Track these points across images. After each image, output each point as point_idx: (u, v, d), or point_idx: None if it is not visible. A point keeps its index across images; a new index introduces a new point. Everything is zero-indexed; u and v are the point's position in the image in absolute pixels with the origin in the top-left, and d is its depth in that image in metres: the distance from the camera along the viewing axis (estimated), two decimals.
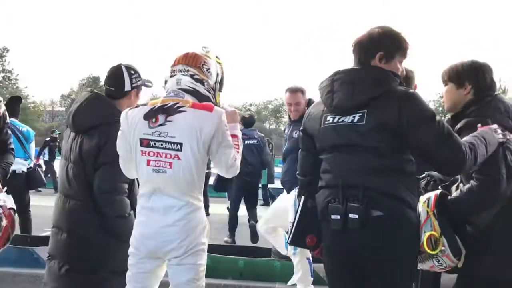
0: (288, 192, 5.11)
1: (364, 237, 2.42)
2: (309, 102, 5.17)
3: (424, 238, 2.51)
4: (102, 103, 3.22)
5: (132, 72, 3.30)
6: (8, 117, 3.12)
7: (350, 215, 2.43)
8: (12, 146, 3.19)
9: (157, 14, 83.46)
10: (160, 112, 2.69)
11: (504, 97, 2.85)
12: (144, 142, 2.67)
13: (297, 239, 2.77)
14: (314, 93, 4.89)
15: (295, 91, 5.17)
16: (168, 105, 2.70)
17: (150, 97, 3.38)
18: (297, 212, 2.77)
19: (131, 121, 2.74)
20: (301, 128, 2.84)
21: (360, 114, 2.47)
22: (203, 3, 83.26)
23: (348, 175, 2.48)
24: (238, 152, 2.77)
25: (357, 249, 2.46)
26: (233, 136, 2.80)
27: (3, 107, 3.06)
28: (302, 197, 2.75)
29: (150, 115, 2.69)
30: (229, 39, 73.39)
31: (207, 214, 9.77)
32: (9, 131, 3.15)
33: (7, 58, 57.80)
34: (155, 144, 2.65)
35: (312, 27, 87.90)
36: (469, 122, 2.60)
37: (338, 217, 2.47)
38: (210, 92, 2.83)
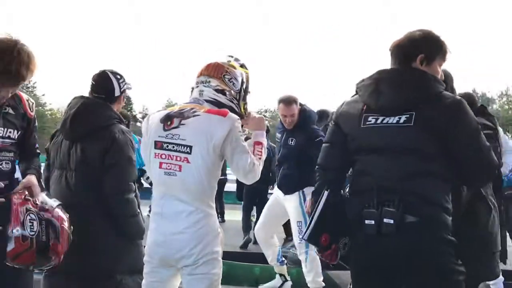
0: (285, 195, 5.22)
1: (399, 243, 2.37)
2: (301, 109, 5.29)
3: None
4: (98, 108, 3.25)
5: (118, 76, 3.36)
6: (36, 121, 3.10)
7: (385, 220, 2.38)
8: (38, 150, 3.14)
9: (158, 15, 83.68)
10: (176, 116, 2.71)
11: None
12: (158, 144, 2.69)
13: (314, 236, 2.64)
14: (315, 94, 4.97)
15: (290, 103, 5.19)
16: (185, 110, 2.72)
17: (166, 104, 3.41)
18: (317, 208, 2.64)
19: (150, 124, 2.77)
20: (332, 121, 2.75)
21: (408, 115, 2.41)
22: (203, 4, 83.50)
23: (386, 179, 2.43)
24: (260, 158, 2.77)
25: (392, 255, 2.41)
26: (258, 143, 2.83)
27: (34, 110, 3.04)
28: (325, 193, 2.63)
29: (166, 119, 2.72)
30: (228, 40, 73.40)
31: (223, 221, 9.78)
32: (36, 135, 3.12)
33: None
34: (167, 146, 2.66)
35: (312, 27, 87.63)
36: None
37: (373, 222, 2.41)
38: (233, 102, 2.82)
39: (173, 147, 2.65)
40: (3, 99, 2.80)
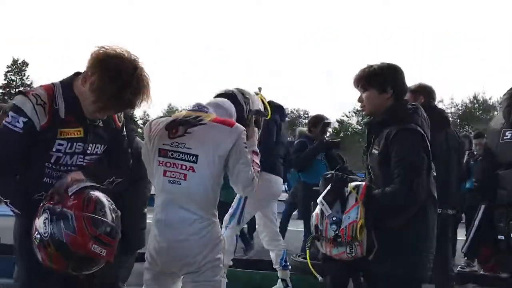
0: None
1: None
2: (272, 104, 5.47)
3: (358, 224, 2.68)
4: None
5: None
6: (124, 130, 2.77)
7: None
8: (127, 165, 2.81)
9: (158, 15, 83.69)
10: (181, 124, 2.71)
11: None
12: (162, 152, 2.69)
13: (472, 249, 2.60)
14: (314, 94, 4.98)
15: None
16: (190, 117, 2.73)
17: (166, 109, 3.44)
18: (474, 221, 2.59)
19: (153, 131, 2.77)
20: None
21: None
22: (203, 4, 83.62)
23: None
24: (258, 172, 2.78)
25: None
26: (255, 153, 2.85)
27: (122, 119, 2.74)
28: (482, 206, 2.59)
29: (171, 126, 2.72)
30: (228, 40, 73.52)
31: None
32: (125, 144, 2.78)
33: (26, 72, 58.61)
34: (172, 154, 2.66)
35: (312, 27, 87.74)
36: (414, 129, 2.70)
37: (503, 237, 2.37)
38: (245, 106, 2.99)
39: (178, 155, 2.65)
40: (98, 117, 2.58)
